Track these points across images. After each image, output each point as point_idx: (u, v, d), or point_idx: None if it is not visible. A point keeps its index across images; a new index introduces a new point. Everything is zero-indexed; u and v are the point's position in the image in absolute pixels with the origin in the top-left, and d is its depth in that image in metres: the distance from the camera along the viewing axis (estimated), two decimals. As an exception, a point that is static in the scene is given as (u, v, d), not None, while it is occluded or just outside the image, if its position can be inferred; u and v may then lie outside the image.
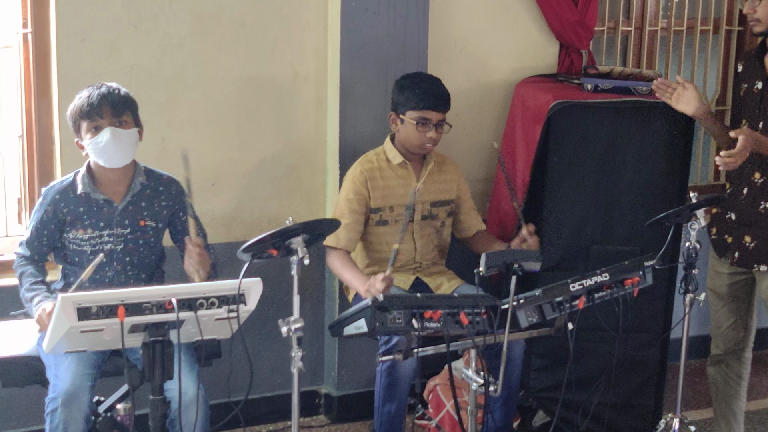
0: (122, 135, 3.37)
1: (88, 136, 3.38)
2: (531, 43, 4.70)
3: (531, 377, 4.34)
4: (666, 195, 4.23)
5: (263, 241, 3.07)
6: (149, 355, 2.82)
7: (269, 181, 4.33)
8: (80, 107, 3.38)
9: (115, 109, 3.37)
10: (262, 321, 3.98)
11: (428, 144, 3.94)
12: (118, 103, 3.39)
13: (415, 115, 3.90)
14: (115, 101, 3.38)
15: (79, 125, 3.40)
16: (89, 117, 3.36)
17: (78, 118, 3.39)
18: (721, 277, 4.01)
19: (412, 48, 4.32)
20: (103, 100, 3.36)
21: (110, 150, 3.36)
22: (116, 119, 3.37)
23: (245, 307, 2.88)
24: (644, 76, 4.40)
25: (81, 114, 3.37)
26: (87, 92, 3.40)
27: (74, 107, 3.40)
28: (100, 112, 3.35)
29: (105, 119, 3.35)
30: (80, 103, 3.38)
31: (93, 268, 3.28)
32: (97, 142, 3.36)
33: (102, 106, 3.36)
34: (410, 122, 3.91)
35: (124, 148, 3.39)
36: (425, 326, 3.16)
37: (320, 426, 4.52)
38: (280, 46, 4.23)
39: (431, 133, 3.92)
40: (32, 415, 3.95)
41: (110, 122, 3.35)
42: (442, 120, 3.94)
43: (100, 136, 3.35)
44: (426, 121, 3.90)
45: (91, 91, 3.39)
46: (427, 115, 3.90)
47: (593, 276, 3.40)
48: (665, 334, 4.30)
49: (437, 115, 3.92)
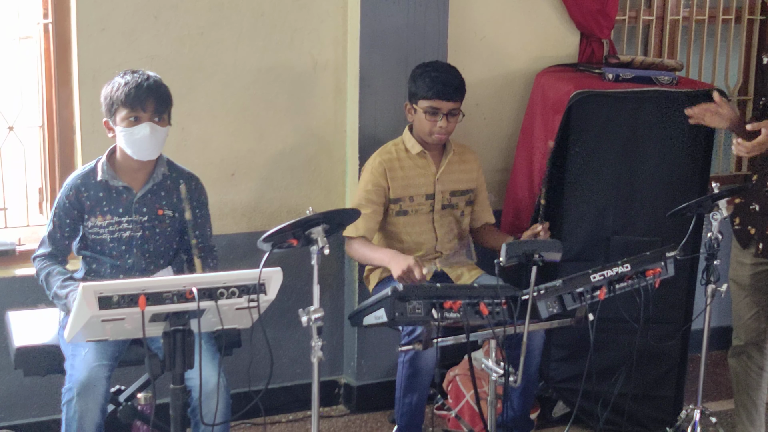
0: (159, 132, 3.36)
1: (123, 124, 3.34)
2: (551, 32, 4.67)
3: (551, 368, 4.33)
4: (688, 185, 4.21)
5: (283, 230, 3.07)
6: (170, 345, 2.82)
7: (288, 171, 4.33)
8: (124, 94, 3.32)
9: (160, 106, 3.36)
10: (282, 311, 3.99)
11: (438, 134, 3.92)
12: (164, 100, 3.37)
13: (426, 104, 3.89)
14: (162, 98, 3.36)
15: (116, 110, 3.35)
16: (131, 106, 3.32)
17: (118, 104, 3.33)
18: (743, 267, 3.98)
19: (432, 37, 4.30)
20: (151, 95, 3.33)
21: (144, 145, 3.35)
22: (157, 115, 3.35)
23: (265, 296, 2.88)
24: (666, 65, 4.37)
25: (123, 101, 3.32)
26: (133, 79, 3.34)
27: (116, 91, 3.34)
28: (144, 106, 3.32)
29: (147, 113, 3.33)
30: (125, 90, 3.32)
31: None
32: (133, 134, 3.33)
33: (148, 99, 3.32)
34: (421, 112, 3.90)
35: (157, 145, 3.39)
36: (445, 316, 3.16)
37: (340, 416, 4.52)
38: (299, 36, 4.22)
39: (441, 123, 3.90)
40: (52, 404, 3.96)
41: (150, 117, 3.33)
42: (455, 109, 3.92)
43: (138, 130, 3.33)
44: (436, 111, 3.89)
45: (138, 79, 3.34)
46: (436, 104, 3.88)
47: (614, 266, 3.39)
48: (686, 325, 4.28)
49: (448, 105, 3.89)
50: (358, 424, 4.46)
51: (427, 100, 3.89)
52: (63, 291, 3.32)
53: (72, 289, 3.29)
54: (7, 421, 4.04)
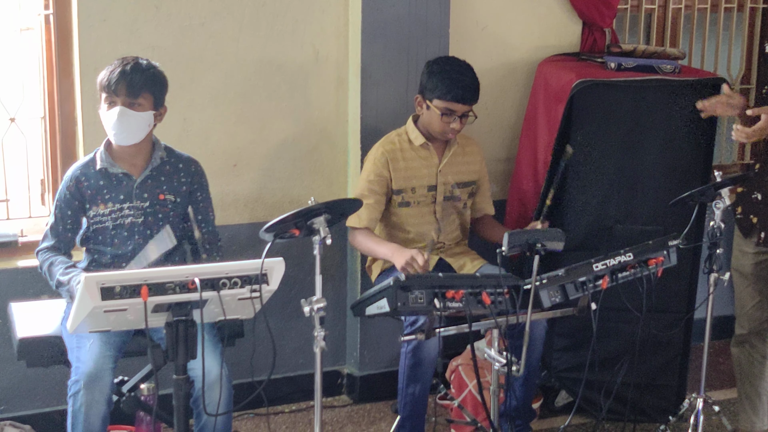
0: (130, 117, 3.37)
1: (105, 107, 3.40)
2: (553, 21, 4.66)
3: (554, 357, 4.33)
4: (690, 174, 4.20)
5: (285, 220, 3.07)
6: (172, 335, 2.82)
7: (290, 161, 4.33)
8: (102, 79, 3.39)
9: (131, 90, 3.36)
10: (284, 301, 3.99)
11: (450, 134, 3.92)
12: (136, 84, 3.37)
13: (441, 104, 3.87)
14: (133, 82, 3.36)
15: (100, 95, 3.41)
16: (107, 91, 3.37)
17: (99, 89, 3.40)
18: (746, 256, 3.98)
19: (434, 28, 4.29)
20: (122, 79, 3.35)
21: (117, 128, 3.37)
22: (130, 100, 3.36)
23: (268, 287, 2.88)
24: (668, 54, 4.36)
25: (101, 86, 3.39)
26: (115, 65, 3.39)
27: (100, 77, 3.41)
28: (116, 90, 3.35)
29: (119, 98, 3.35)
30: (103, 75, 3.39)
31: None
32: (107, 118, 3.39)
33: (119, 84, 3.35)
34: (435, 110, 3.88)
35: (131, 129, 3.39)
36: (447, 306, 3.16)
37: (342, 406, 4.53)
38: (301, 27, 4.22)
39: (455, 125, 3.89)
40: (55, 395, 3.98)
41: (123, 102, 3.35)
42: (469, 111, 3.92)
43: (111, 114, 3.37)
44: (451, 113, 3.87)
45: (120, 64, 3.39)
46: (453, 106, 3.87)
47: (617, 256, 3.39)
48: (689, 314, 4.28)
49: (463, 108, 3.89)
50: (360, 414, 4.46)
51: (443, 101, 3.86)
52: (65, 277, 3.32)
53: (75, 274, 3.30)
54: (10, 412, 4.05)
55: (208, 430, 3.35)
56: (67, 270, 3.35)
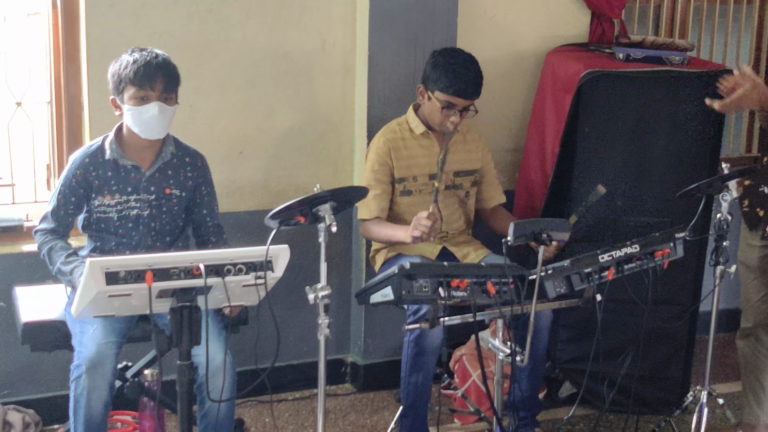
0: (167, 112, 3.34)
1: (131, 102, 3.31)
2: (562, 11, 4.65)
3: (558, 348, 4.33)
4: (697, 166, 4.19)
5: (291, 208, 3.06)
6: (177, 321, 2.82)
7: (296, 149, 4.32)
8: (133, 72, 3.28)
9: (169, 85, 3.32)
10: (289, 289, 3.99)
11: (449, 127, 3.91)
12: (173, 79, 3.34)
13: (443, 97, 3.85)
14: (171, 77, 3.32)
15: (123, 88, 3.31)
16: (139, 85, 3.28)
17: (126, 82, 3.30)
18: (752, 249, 3.96)
19: (441, 16, 4.28)
20: (160, 73, 3.29)
21: (153, 124, 3.33)
22: (165, 95, 3.32)
23: (273, 274, 2.88)
24: (677, 45, 4.34)
25: (131, 79, 3.28)
26: (141, 57, 3.30)
27: (124, 69, 3.30)
28: (152, 84, 3.29)
29: (155, 92, 3.29)
30: (134, 68, 3.28)
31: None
32: (141, 113, 3.31)
33: (157, 78, 3.29)
34: (436, 102, 3.87)
35: (165, 124, 3.36)
36: (452, 295, 3.15)
37: (346, 394, 4.53)
38: (308, 14, 4.20)
39: (454, 118, 3.87)
40: (59, 380, 3.98)
41: (159, 96, 3.30)
42: (470, 105, 3.90)
43: (147, 109, 3.30)
44: (452, 106, 3.86)
45: (147, 57, 3.30)
46: (454, 100, 3.85)
47: (623, 247, 3.38)
48: (694, 306, 4.28)
49: (464, 102, 3.87)
50: (364, 403, 4.46)
51: (445, 94, 3.85)
52: (67, 267, 3.31)
53: (77, 264, 3.29)
54: (14, 396, 4.06)
55: (211, 416, 3.35)
56: (68, 259, 3.34)
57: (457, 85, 3.83)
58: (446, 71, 3.84)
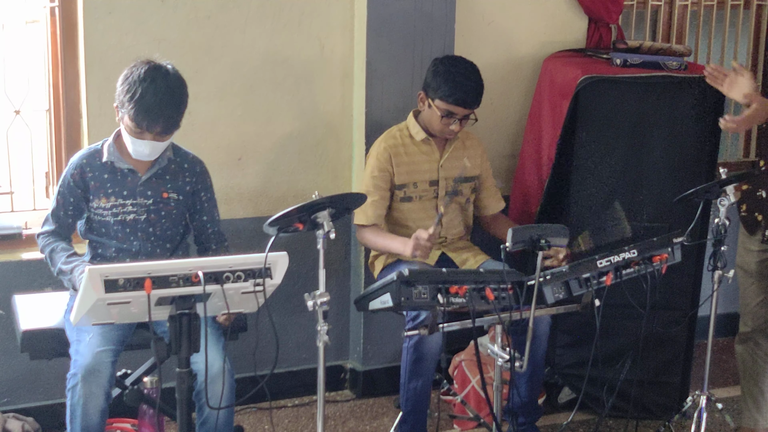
0: (159, 146, 3.36)
1: (127, 129, 3.32)
2: (559, 17, 4.66)
3: (557, 354, 4.33)
4: (695, 171, 4.19)
5: (289, 214, 3.06)
6: (176, 328, 2.82)
7: (295, 155, 4.32)
8: (134, 110, 3.24)
9: (167, 131, 3.33)
10: (288, 296, 3.99)
11: (448, 135, 3.91)
12: (172, 124, 3.33)
13: (443, 105, 3.86)
14: (170, 122, 3.31)
15: (123, 111, 3.29)
16: (137, 123, 3.27)
17: (126, 109, 3.27)
18: (750, 254, 3.97)
19: (439, 22, 4.29)
20: (160, 120, 3.26)
21: (144, 153, 3.36)
22: (161, 137, 3.33)
23: (271, 280, 2.88)
24: (674, 51, 4.35)
25: (131, 115, 3.26)
26: (149, 91, 3.22)
27: (127, 94, 3.25)
28: (150, 128, 3.28)
29: (151, 134, 3.30)
30: (136, 106, 3.23)
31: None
32: (134, 143, 3.33)
33: (155, 125, 3.27)
34: (436, 110, 3.87)
35: (157, 153, 3.39)
36: (450, 301, 3.16)
37: (345, 401, 4.53)
38: (307, 20, 4.21)
39: (454, 126, 3.88)
40: (58, 387, 3.96)
41: (154, 138, 3.31)
42: (470, 114, 3.91)
43: (139, 143, 3.31)
44: (452, 115, 3.86)
45: (153, 95, 3.23)
46: (454, 109, 3.85)
47: (621, 252, 3.38)
48: (693, 311, 4.28)
49: (464, 111, 3.87)
50: (363, 409, 4.46)
51: (445, 103, 3.84)
52: (68, 266, 3.32)
53: (77, 263, 3.30)
54: (13, 404, 4.06)
55: (210, 423, 3.35)
56: (69, 259, 3.35)
57: (458, 94, 3.83)
58: (446, 80, 3.84)
